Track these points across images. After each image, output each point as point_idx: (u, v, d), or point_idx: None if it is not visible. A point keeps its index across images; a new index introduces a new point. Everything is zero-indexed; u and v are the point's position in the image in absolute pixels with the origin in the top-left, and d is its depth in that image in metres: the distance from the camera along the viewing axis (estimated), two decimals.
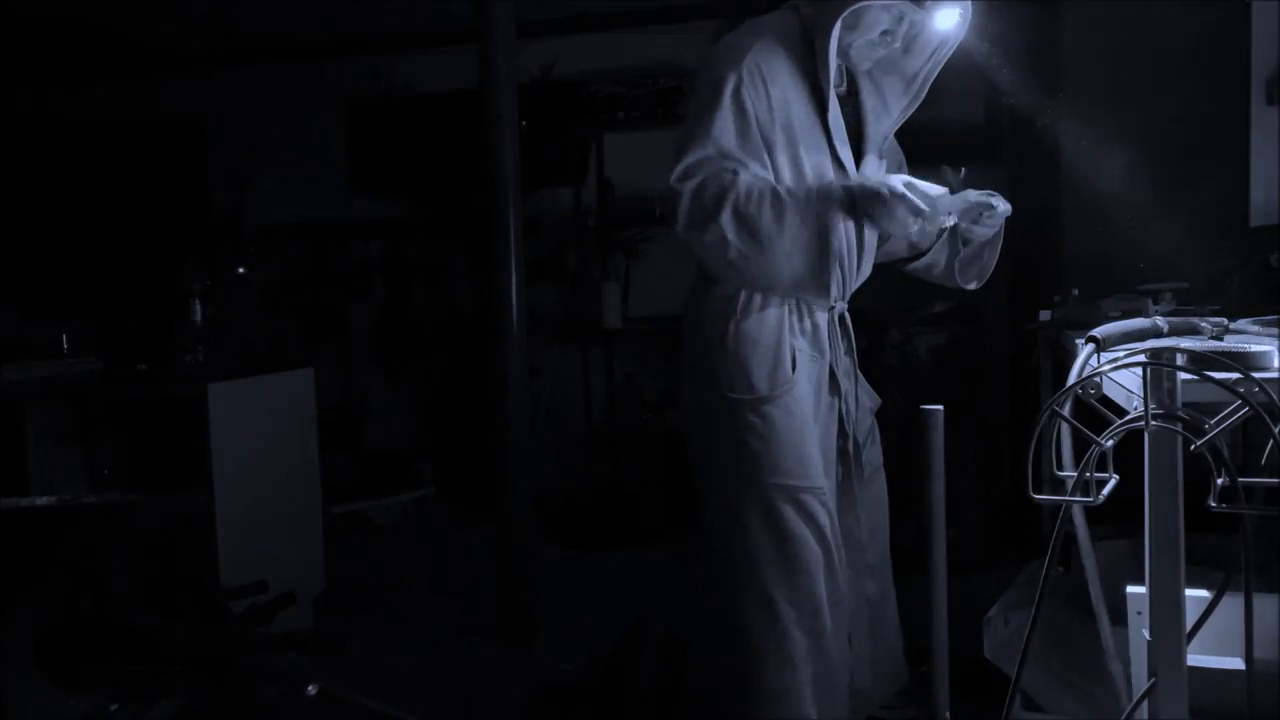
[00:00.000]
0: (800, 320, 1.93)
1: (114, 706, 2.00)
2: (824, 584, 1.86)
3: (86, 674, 2.23)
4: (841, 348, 2.03)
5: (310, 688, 2.07)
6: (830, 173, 1.96)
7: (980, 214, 1.91)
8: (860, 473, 2.06)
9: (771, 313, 1.89)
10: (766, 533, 1.85)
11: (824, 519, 1.87)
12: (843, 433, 2.02)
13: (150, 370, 3.14)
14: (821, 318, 1.97)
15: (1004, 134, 4.67)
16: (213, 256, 5.88)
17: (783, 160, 1.91)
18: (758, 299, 1.89)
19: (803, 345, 1.92)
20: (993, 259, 2.07)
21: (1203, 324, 1.71)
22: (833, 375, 1.99)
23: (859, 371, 2.11)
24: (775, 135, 1.90)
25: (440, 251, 5.53)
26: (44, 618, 1.99)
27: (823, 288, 1.88)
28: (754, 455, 1.85)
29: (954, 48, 2.00)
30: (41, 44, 5.44)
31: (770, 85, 1.89)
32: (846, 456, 2.03)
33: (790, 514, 1.84)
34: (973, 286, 2.12)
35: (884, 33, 1.93)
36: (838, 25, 1.85)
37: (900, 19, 1.91)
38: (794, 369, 1.89)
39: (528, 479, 3.38)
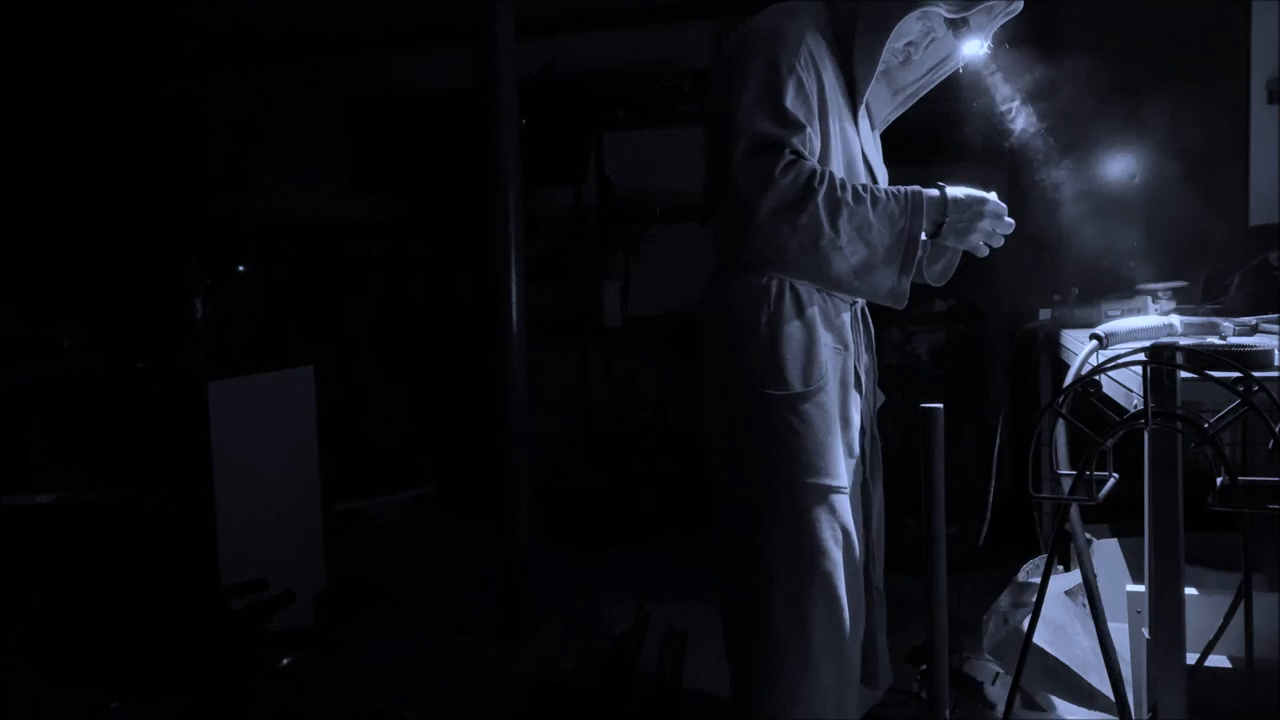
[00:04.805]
0: (829, 316, 1.86)
1: (114, 705, 2.00)
2: (846, 584, 1.83)
3: (86, 673, 2.23)
4: (863, 343, 1.99)
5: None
6: (863, 175, 1.89)
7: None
8: (877, 471, 2.03)
9: (805, 307, 1.81)
10: (795, 532, 1.79)
11: (849, 519, 1.85)
12: (863, 430, 1.97)
13: (150, 369, 3.14)
14: (845, 314, 1.91)
15: (1003, 131, 4.66)
16: (213, 255, 5.90)
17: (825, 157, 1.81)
18: (790, 292, 1.80)
19: (829, 340, 1.85)
20: (957, 256, 1.99)
21: (1224, 323, 1.69)
22: (855, 372, 1.93)
23: (876, 369, 2.08)
24: (819, 129, 1.79)
25: (440, 250, 5.53)
26: (44, 617, 1.99)
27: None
28: (789, 454, 1.78)
29: (952, 70, 1.99)
30: (42, 43, 5.43)
31: (822, 76, 1.79)
32: (864, 454, 1.99)
33: (821, 514, 1.79)
34: (939, 284, 2.03)
35: (908, 43, 1.88)
36: (898, 25, 1.77)
37: (927, 34, 1.87)
38: (825, 365, 1.83)
39: (528, 478, 3.38)
